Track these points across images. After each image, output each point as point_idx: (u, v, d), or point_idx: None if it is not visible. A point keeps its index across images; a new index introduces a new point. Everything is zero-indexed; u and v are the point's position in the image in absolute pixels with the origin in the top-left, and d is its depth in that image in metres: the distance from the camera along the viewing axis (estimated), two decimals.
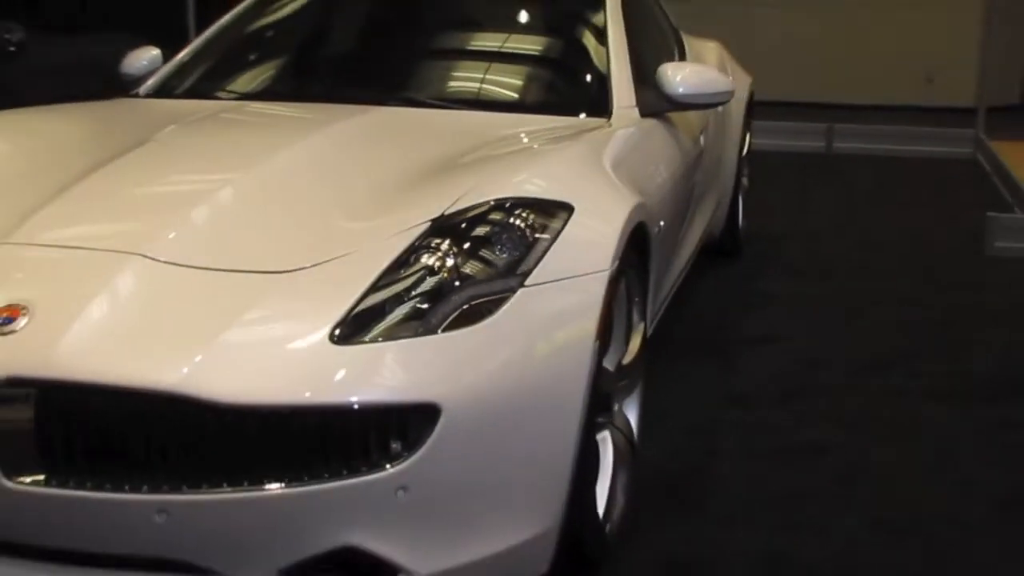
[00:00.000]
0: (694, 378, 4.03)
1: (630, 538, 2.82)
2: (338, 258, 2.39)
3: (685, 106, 3.71)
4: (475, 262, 2.38)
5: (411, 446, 2.14)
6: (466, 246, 2.40)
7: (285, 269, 2.36)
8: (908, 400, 3.89)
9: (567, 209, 2.55)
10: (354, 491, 2.12)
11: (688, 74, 3.68)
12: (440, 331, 2.23)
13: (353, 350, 2.17)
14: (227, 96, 3.77)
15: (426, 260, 2.35)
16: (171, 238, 2.45)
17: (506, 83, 3.93)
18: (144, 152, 2.99)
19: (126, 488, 2.10)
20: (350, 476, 2.11)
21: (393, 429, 2.15)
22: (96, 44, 6.70)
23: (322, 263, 2.37)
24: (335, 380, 2.14)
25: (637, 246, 2.87)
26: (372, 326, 2.21)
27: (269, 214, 2.61)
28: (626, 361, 2.88)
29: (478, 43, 4.27)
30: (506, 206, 2.50)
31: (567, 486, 2.37)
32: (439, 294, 2.29)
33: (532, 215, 2.50)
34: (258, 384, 2.11)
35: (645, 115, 3.59)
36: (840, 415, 3.74)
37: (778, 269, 5.60)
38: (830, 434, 3.58)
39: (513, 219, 2.47)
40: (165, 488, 2.10)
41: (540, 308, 2.35)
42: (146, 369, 2.11)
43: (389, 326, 2.22)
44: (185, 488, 2.10)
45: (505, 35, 4.21)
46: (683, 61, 4.72)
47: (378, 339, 2.19)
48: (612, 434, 2.79)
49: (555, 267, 2.41)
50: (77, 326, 2.18)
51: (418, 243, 2.40)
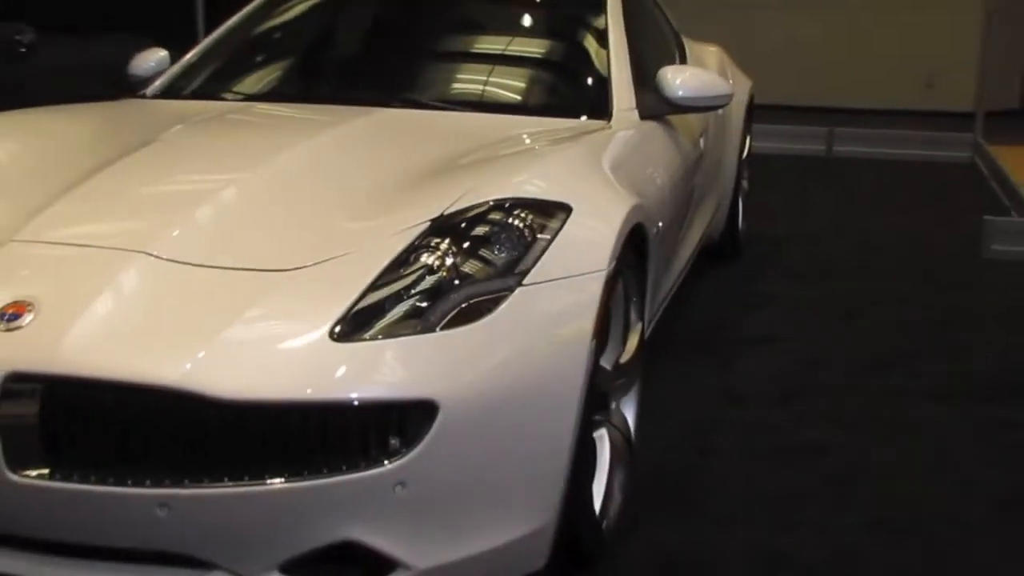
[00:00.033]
0: (694, 377, 4.04)
1: (629, 537, 2.83)
2: (339, 257, 2.41)
3: (684, 109, 3.73)
4: (474, 261, 2.39)
5: (409, 442, 2.16)
6: (465, 245, 2.42)
7: (287, 268, 2.38)
8: (908, 400, 3.90)
9: (565, 210, 2.57)
10: (353, 486, 2.14)
11: (688, 77, 3.69)
12: (439, 329, 2.24)
13: (353, 347, 2.19)
14: (233, 97, 3.79)
15: (426, 259, 2.37)
16: (175, 236, 2.47)
17: (507, 85, 3.95)
18: (150, 152, 3.01)
19: (129, 482, 2.12)
20: (349, 472, 2.13)
21: (392, 426, 2.17)
22: (106, 46, 6.72)
23: (323, 262, 2.39)
24: (335, 377, 2.16)
25: (635, 247, 2.89)
26: (372, 324, 2.23)
27: (272, 214, 2.63)
28: (623, 360, 2.89)
29: (480, 46, 4.28)
30: (505, 206, 2.52)
31: (563, 483, 2.38)
32: (438, 293, 2.30)
33: (531, 215, 2.51)
34: (259, 380, 2.13)
35: (645, 118, 3.61)
36: (840, 415, 3.74)
37: (778, 270, 5.60)
38: (830, 434, 3.58)
39: (512, 219, 2.49)
40: (167, 482, 2.12)
41: (538, 307, 2.36)
42: (149, 365, 2.14)
43: (389, 324, 2.24)
44: (187, 482, 2.12)
45: (507, 38, 4.23)
46: (683, 64, 4.75)
47: (378, 337, 2.21)
48: (609, 432, 2.81)
49: (553, 267, 2.43)
50: (81, 322, 2.21)
51: (418, 242, 2.42)
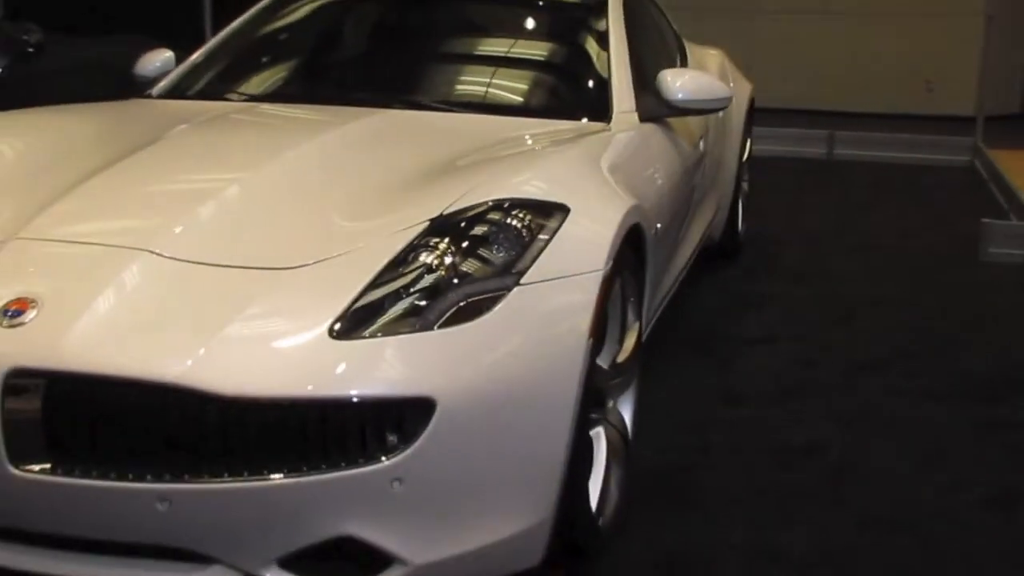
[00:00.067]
0: (693, 377, 4.06)
1: (628, 534, 2.85)
2: (339, 256, 2.43)
3: (684, 111, 3.75)
4: (472, 260, 2.41)
5: (407, 439, 2.18)
6: (464, 245, 2.43)
7: (287, 266, 2.40)
8: (906, 400, 3.92)
9: (563, 210, 2.59)
10: (351, 482, 2.16)
11: (687, 80, 3.71)
12: (437, 327, 2.26)
13: (352, 345, 2.21)
14: (237, 98, 3.82)
15: (424, 258, 2.39)
16: (178, 234, 2.49)
17: (509, 87, 3.98)
18: (154, 151, 3.04)
19: (130, 477, 2.14)
20: (347, 467, 2.15)
21: (390, 422, 2.18)
22: (113, 46, 6.74)
23: (323, 260, 2.41)
24: (335, 374, 2.17)
25: (633, 247, 2.91)
26: (371, 322, 2.25)
27: (274, 213, 2.65)
28: (621, 359, 2.91)
29: (482, 48, 4.30)
30: (504, 206, 2.54)
31: (560, 480, 2.40)
32: (437, 291, 2.32)
33: (529, 215, 2.53)
34: (260, 377, 2.15)
35: (645, 120, 3.63)
36: (838, 415, 3.76)
37: (778, 271, 5.63)
38: (828, 433, 3.60)
39: (510, 219, 2.50)
40: (168, 477, 2.14)
41: (535, 306, 2.38)
42: (151, 361, 2.16)
43: (387, 322, 2.26)
44: (187, 478, 2.14)
45: (508, 41, 4.25)
46: (684, 68, 4.77)
47: (377, 334, 2.23)
48: (606, 430, 2.83)
49: (550, 266, 2.45)
50: (84, 319, 2.23)
51: (417, 241, 2.44)
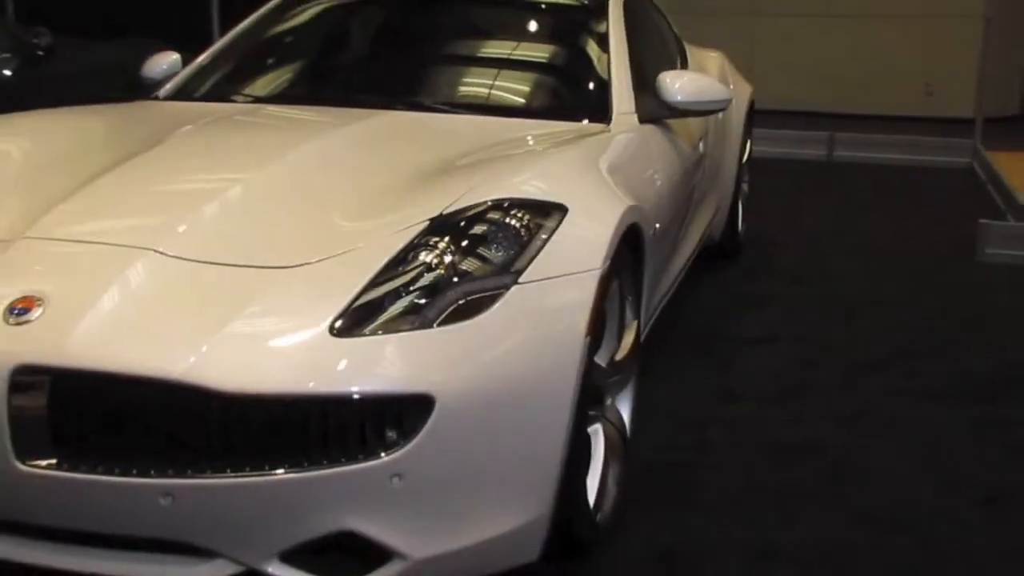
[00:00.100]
0: (693, 376, 4.08)
1: (625, 531, 2.87)
2: (340, 254, 2.46)
3: (683, 113, 3.78)
4: (472, 259, 2.43)
5: (406, 435, 2.20)
6: (463, 244, 2.46)
7: (289, 265, 2.43)
8: (905, 399, 3.93)
9: (562, 210, 2.61)
10: (351, 478, 2.19)
11: (686, 82, 3.74)
12: (436, 325, 2.28)
13: (352, 342, 2.24)
14: (242, 99, 3.85)
15: (424, 257, 2.41)
16: (182, 233, 2.52)
17: (509, 89, 4.00)
18: (160, 152, 3.07)
19: (134, 472, 2.17)
20: (347, 463, 2.18)
21: (389, 418, 2.21)
22: (121, 49, 6.79)
23: (324, 259, 2.44)
24: (336, 371, 2.20)
25: (632, 247, 2.94)
26: (371, 320, 2.28)
27: (276, 212, 2.68)
28: (619, 357, 2.94)
29: (483, 50, 4.33)
30: (503, 206, 2.56)
31: (558, 475, 2.43)
32: (436, 290, 2.34)
33: (528, 215, 2.55)
34: (261, 374, 2.18)
35: (644, 121, 3.66)
36: (838, 414, 3.78)
37: (778, 271, 5.66)
38: (828, 432, 3.62)
39: (509, 219, 2.53)
40: (171, 472, 2.17)
41: (533, 304, 2.41)
42: (154, 358, 2.19)
43: (387, 320, 2.28)
44: (190, 473, 2.16)
45: (509, 43, 4.28)
46: (684, 69, 4.80)
47: (377, 332, 2.26)
48: (604, 427, 2.85)
49: (549, 265, 2.47)
50: (89, 317, 2.26)
51: (417, 241, 2.46)
